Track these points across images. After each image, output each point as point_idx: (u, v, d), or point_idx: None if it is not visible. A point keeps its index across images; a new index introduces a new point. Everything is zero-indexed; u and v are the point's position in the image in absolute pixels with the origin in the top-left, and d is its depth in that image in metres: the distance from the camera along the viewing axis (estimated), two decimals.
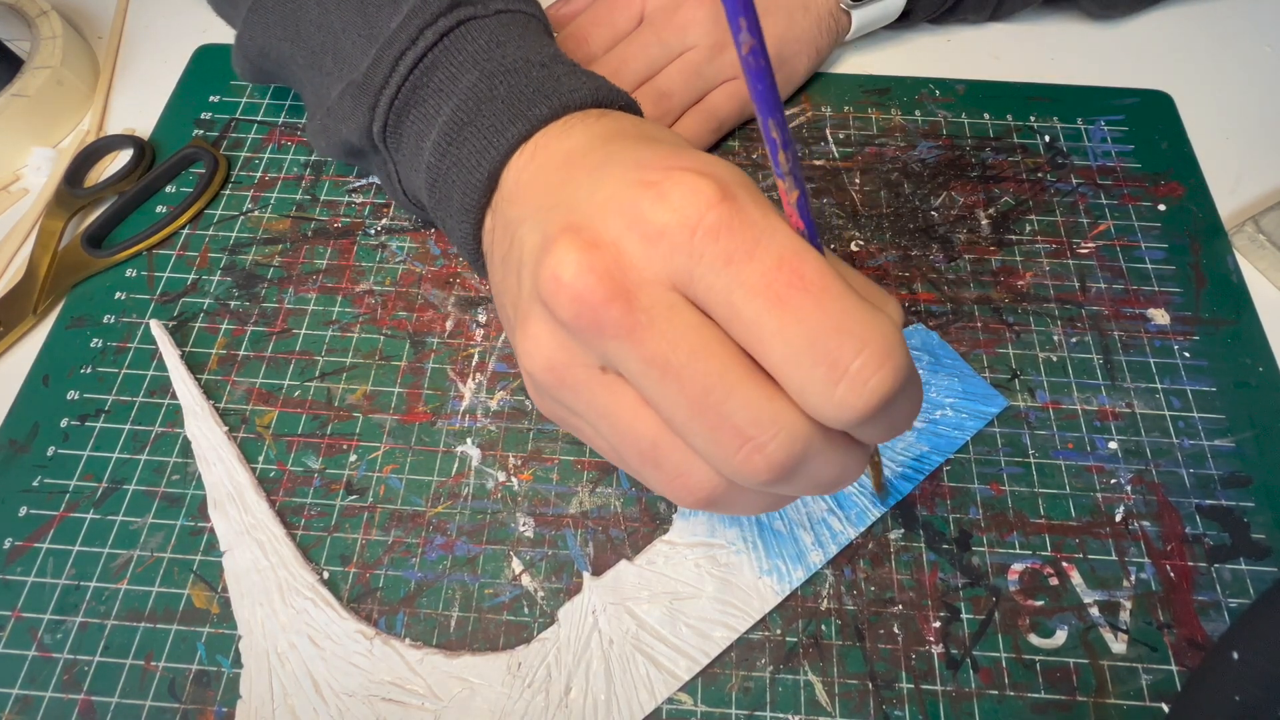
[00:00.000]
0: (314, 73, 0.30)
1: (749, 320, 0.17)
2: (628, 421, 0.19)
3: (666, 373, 0.18)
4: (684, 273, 0.17)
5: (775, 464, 0.18)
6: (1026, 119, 0.40)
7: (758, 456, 0.17)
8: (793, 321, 0.16)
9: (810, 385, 0.17)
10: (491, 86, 0.25)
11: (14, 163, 0.39)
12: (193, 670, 0.27)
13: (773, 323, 0.17)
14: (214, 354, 0.33)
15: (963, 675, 0.27)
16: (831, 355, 0.16)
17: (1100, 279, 0.35)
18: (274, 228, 0.37)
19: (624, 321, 0.17)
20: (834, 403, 0.17)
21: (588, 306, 0.18)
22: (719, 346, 0.17)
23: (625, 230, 0.18)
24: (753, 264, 0.17)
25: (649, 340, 0.17)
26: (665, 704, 0.27)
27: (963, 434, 0.31)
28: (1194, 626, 0.28)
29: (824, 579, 0.29)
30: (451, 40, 0.27)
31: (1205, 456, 0.31)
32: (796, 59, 0.38)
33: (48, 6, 0.41)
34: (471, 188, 0.25)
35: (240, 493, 0.30)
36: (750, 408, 0.17)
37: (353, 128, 0.28)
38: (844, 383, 0.16)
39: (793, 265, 0.17)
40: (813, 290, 0.16)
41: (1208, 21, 0.44)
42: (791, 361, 0.17)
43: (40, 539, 0.30)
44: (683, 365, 0.17)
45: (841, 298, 0.16)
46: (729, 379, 0.17)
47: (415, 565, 0.29)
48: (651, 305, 0.17)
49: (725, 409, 0.17)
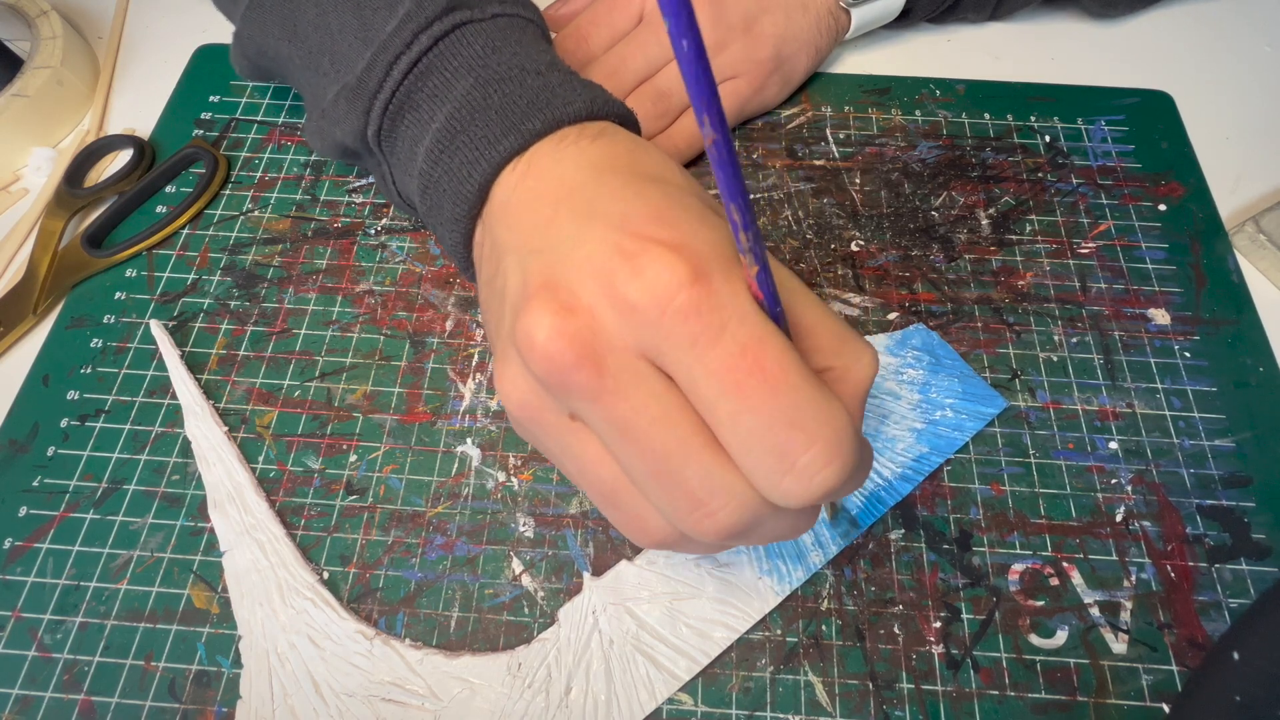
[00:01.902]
0: (311, 73, 0.30)
1: (708, 401, 0.18)
2: (592, 466, 0.21)
3: (628, 435, 0.19)
4: (652, 347, 0.18)
5: (724, 529, 0.19)
6: (1026, 119, 0.40)
7: (709, 520, 0.19)
8: (748, 409, 0.17)
9: (759, 472, 0.18)
10: (485, 95, 0.25)
11: (14, 163, 0.39)
12: (193, 670, 0.27)
13: (729, 407, 0.17)
14: (214, 354, 0.33)
15: (963, 675, 0.27)
16: (781, 447, 0.17)
17: (1100, 279, 0.35)
18: (274, 228, 0.37)
19: (592, 385, 0.18)
20: (780, 491, 0.18)
21: (558, 368, 0.18)
22: (680, 416, 0.18)
23: (600, 297, 0.18)
24: (717, 349, 0.17)
25: (614, 405, 0.18)
26: (665, 704, 0.27)
27: (963, 434, 0.31)
28: (1194, 626, 0.28)
29: (824, 579, 0.29)
30: (446, 45, 0.26)
31: (1205, 456, 0.31)
32: (795, 58, 0.38)
33: (48, 6, 0.41)
34: (462, 198, 0.25)
35: (240, 493, 0.30)
36: (705, 477, 0.18)
37: (347, 130, 0.28)
38: (791, 475, 0.17)
39: (755, 354, 0.17)
40: (770, 381, 0.17)
41: (1208, 21, 0.44)
42: (744, 447, 0.18)
43: (40, 539, 0.30)
44: (644, 431, 0.18)
45: (798, 390, 0.17)
46: (687, 448, 0.18)
47: (415, 565, 0.29)
48: (619, 371, 0.18)
49: (681, 475, 0.18)
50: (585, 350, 0.18)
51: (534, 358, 0.19)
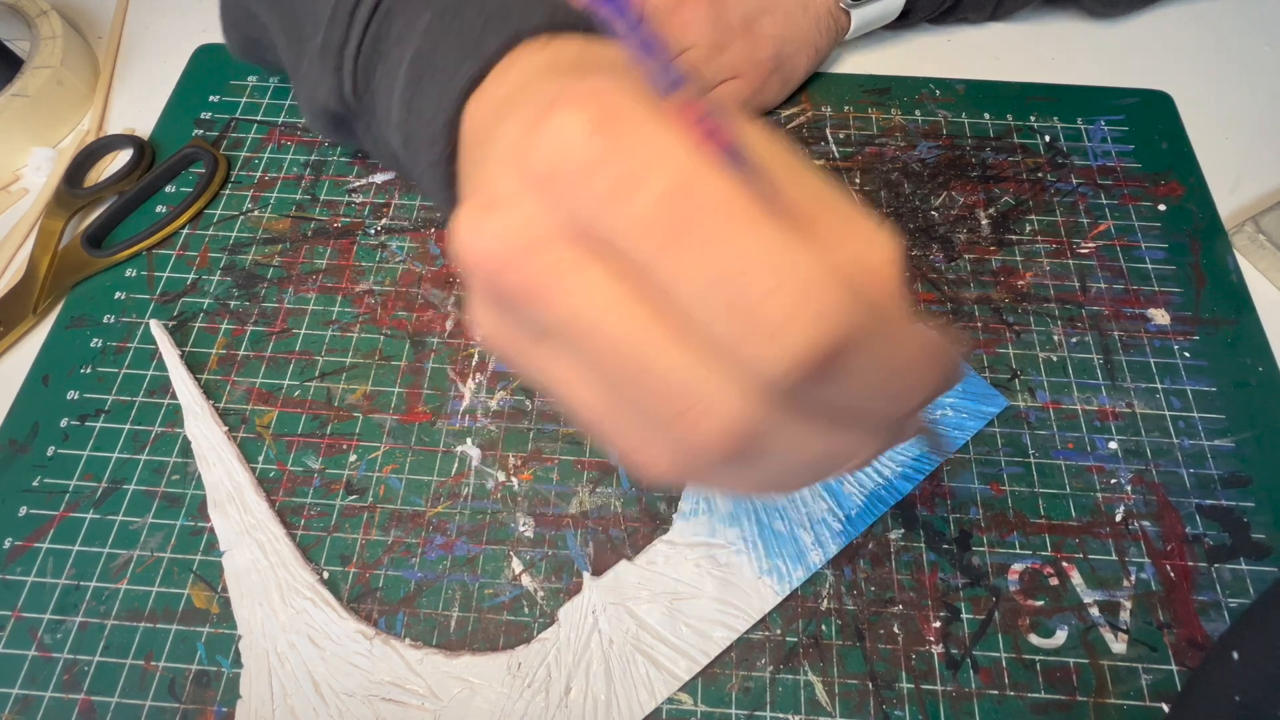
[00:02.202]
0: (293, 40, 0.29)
1: (645, 265, 0.14)
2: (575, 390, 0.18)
3: (583, 335, 0.15)
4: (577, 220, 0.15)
5: (718, 437, 0.15)
6: (1026, 119, 0.40)
7: (702, 425, 0.15)
8: (688, 263, 0.14)
9: (723, 339, 0.14)
10: (445, 25, 0.23)
11: (14, 163, 0.39)
12: (193, 670, 0.27)
13: (668, 265, 0.14)
14: (214, 354, 0.33)
15: (963, 675, 0.27)
16: (734, 302, 0.13)
17: (1100, 279, 0.35)
18: (274, 228, 0.37)
19: (528, 284, 0.15)
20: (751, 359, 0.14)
21: (490, 272, 0.16)
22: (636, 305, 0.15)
23: (517, 184, 0.15)
24: (635, 201, 0.14)
25: (556, 301, 0.15)
26: (665, 704, 0.27)
27: (963, 434, 0.31)
28: (1194, 626, 0.28)
29: (824, 579, 0.29)
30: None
31: (1205, 456, 0.31)
32: (796, 58, 0.38)
33: (48, 6, 0.41)
34: (433, 140, 0.23)
35: (240, 493, 0.30)
36: (678, 371, 0.15)
37: (325, 93, 0.27)
38: (756, 332, 0.13)
39: (682, 197, 0.14)
40: (706, 226, 0.14)
41: (1208, 21, 0.44)
42: (700, 316, 0.14)
43: (40, 539, 0.30)
44: (596, 324, 0.15)
45: (749, 227, 0.13)
46: (650, 339, 0.15)
47: (415, 565, 0.29)
48: (554, 263, 0.15)
49: (655, 370, 0.15)
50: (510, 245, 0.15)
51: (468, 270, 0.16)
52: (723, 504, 0.30)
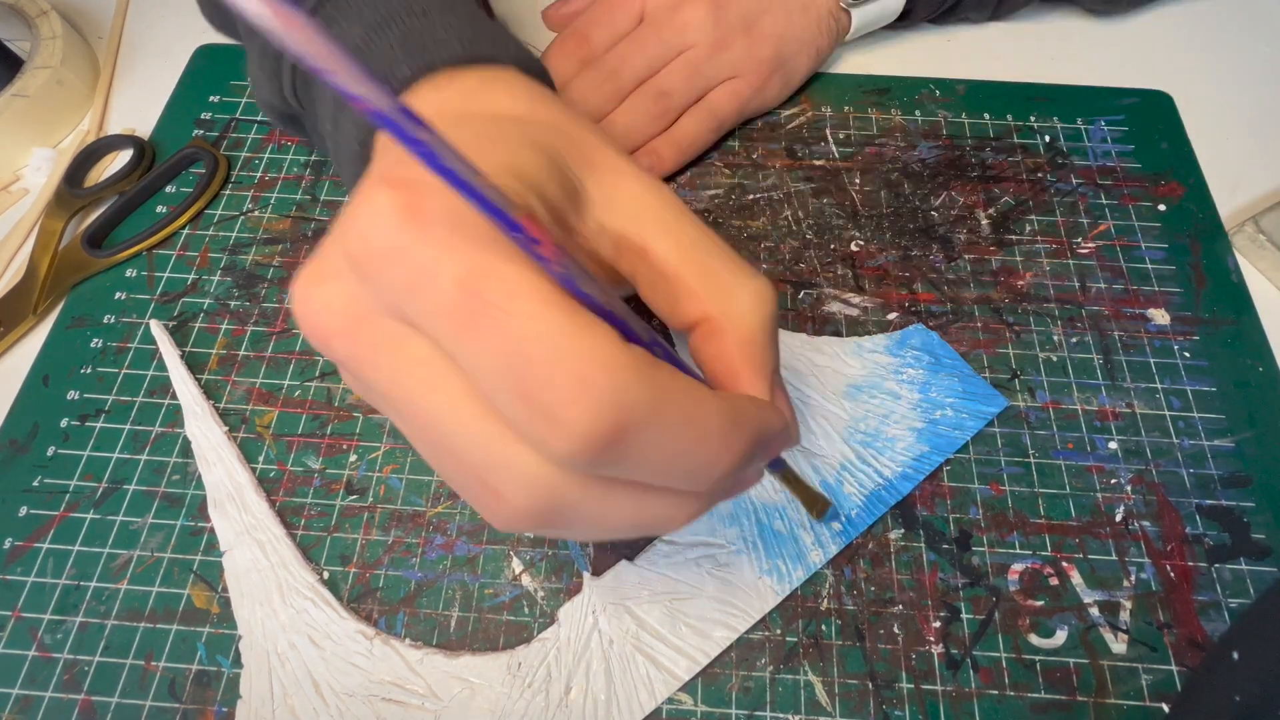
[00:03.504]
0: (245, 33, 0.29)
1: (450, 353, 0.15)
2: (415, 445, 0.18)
3: (396, 409, 0.16)
4: (390, 302, 0.15)
5: (521, 513, 0.16)
6: (1026, 119, 0.40)
7: (500, 504, 0.16)
8: (480, 350, 0.14)
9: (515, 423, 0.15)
10: (371, 41, 0.23)
11: (14, 163, 0.39)
12: (193, 670, 0.27)
13: (464, 353, 0.14)
14: (214, 354, 0.33)
15: (963, 675, 0.27)
16: (522, 388, 0.14)
17: (1100, 279, 0.35)
18: (274, 228, 0.37)
19: (350, 357, 0.16)
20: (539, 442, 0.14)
21: (319, 340, 0.16)
22: (445, 383, 0.15)
23: (341, 259, 0.16)
24: (434, 287, 0.14)
25: (373, 375, 0.16)
26: (665, 704, 0.27)
27: (963, 434, 0.31)
28: (1194, 626, 0.28)
29: (824, 579, 0.29)
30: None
31: (1205, 456, 0.31)
32: (796, 58, 0.38)
33: (48, 6, 0.41)
34: (352, 159, 0.23)
35: (240, 493, 0.30)
36: (480, 450, 0.15)
37: (269, 91, 0.27)
38: (539, 419, 0.14)
39: (473, 285, 0.14)
40: (497, 314, 0.14)
41: (1208, 21, 0.44)
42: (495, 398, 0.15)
43: (40, 539, 0.30)
44: (407, 401, 0.16)
45: (531, 318, 0.14)
46: (455, 418, 0.15)
47: (415, 565, 0.29)
48: (373, 340, 0.16)
49: (457, 449, 0.16)
50: (335, 318, 0.16)
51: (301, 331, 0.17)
52: (723, 504, 0.30)
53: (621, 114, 0.36)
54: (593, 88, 0.36)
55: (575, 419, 0.14)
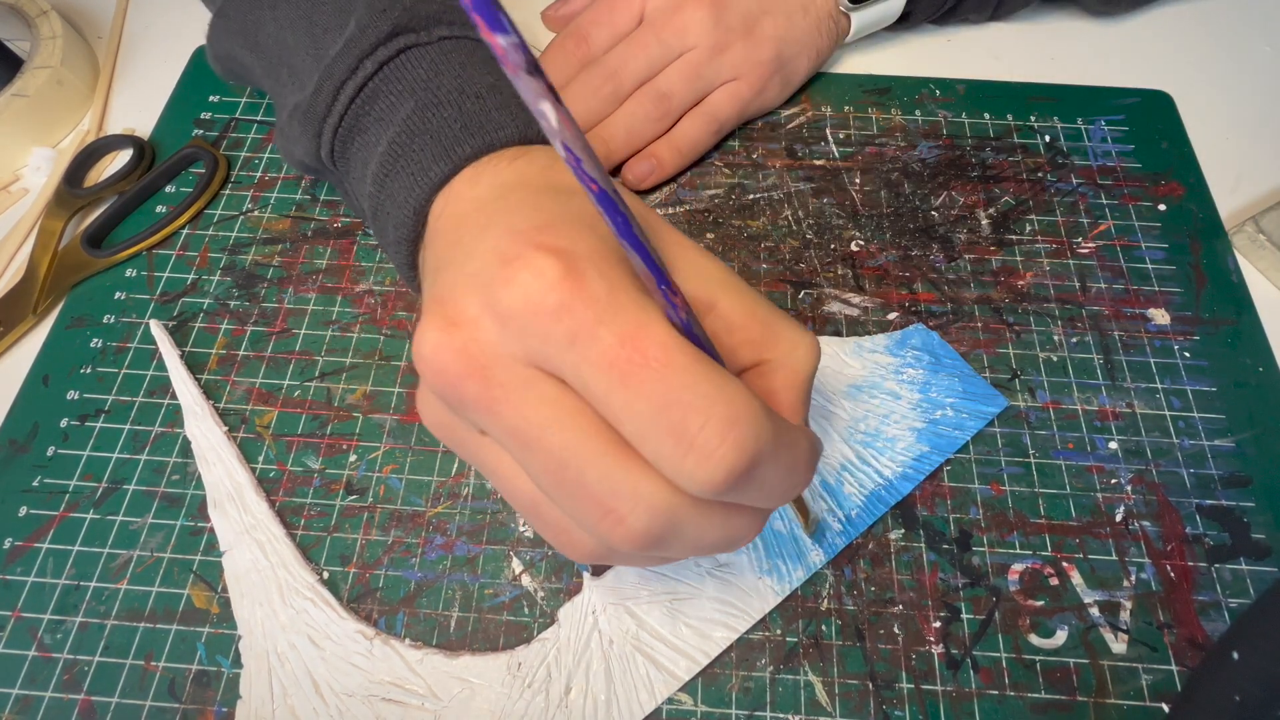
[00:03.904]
0: (273, 84, 0.30)
1: (599, 397, 0.17)
2: (509, 480, 0.20)
3: (524, 445, 0.18)
4: (537, 353, 0.18)
5: (637, 534, 0.18)
6: (1026, 119, 0.40)
7: (620, 528, 0.18)
8: (637, 396, 0.17)
9: (661, 459, 0.17)
10: (425, 119, 0.25)
11: (14, 163, 0.39)
12: (193, 670, 0.27)
13: (620, 399, 0.17)
14: (214, 354, 0.33)
15: (963, 675, 0.27)
16: (676, 428, 0.17)
17: (1100, 279, 0.35)
18: (274, 228, 0.37)
19: (481, 396, 0.18)
20: (685, 475, 0.17)
21: (447, 381, 0.18)
22: (575, 420, 0.18)
23: (481, 309, 0.18)
24: (594, 343, 0.17)
25: (505, 414, 0.18)
26: (665, 704, 0.27)
27: (963, 434, 0.31)
28: (1194, 626, 0.28)
29: (824, 579, 0.29)
30: (391, 69, 0.26)
31: (1205, 456, 0.31)
32: (796, 60, 0.38)
33: (48, 6, 0.41)
34: (401, 222, 0.25)
35: (240, 493, 0.30)
36: (607, 478, 0.18)
37: (303, 150, 0.28)
38: (691, 455, 0.17)
39: (634, 342, 0.17)
40: (654, 365, 0.17)
41: (1208, 21, 0.44)
42: (641, 435, 0.17)
43: (40, 539, 0.30)
44: (537, 438, 0.18)
45: (685, 370, 0.17)
46: (585, 451, 0.18)
47: (415, 565, 0.29)
48: (507, 380, 0.18)
49: (583, 480, 0.18)
50: (470, 362, 0.18)
51: (426, 373, 0.19)
52: None
53: (621, 116, 0.36)
54: (592, 89, 0.36)
55: (724, 455, 0.17)
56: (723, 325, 0.20)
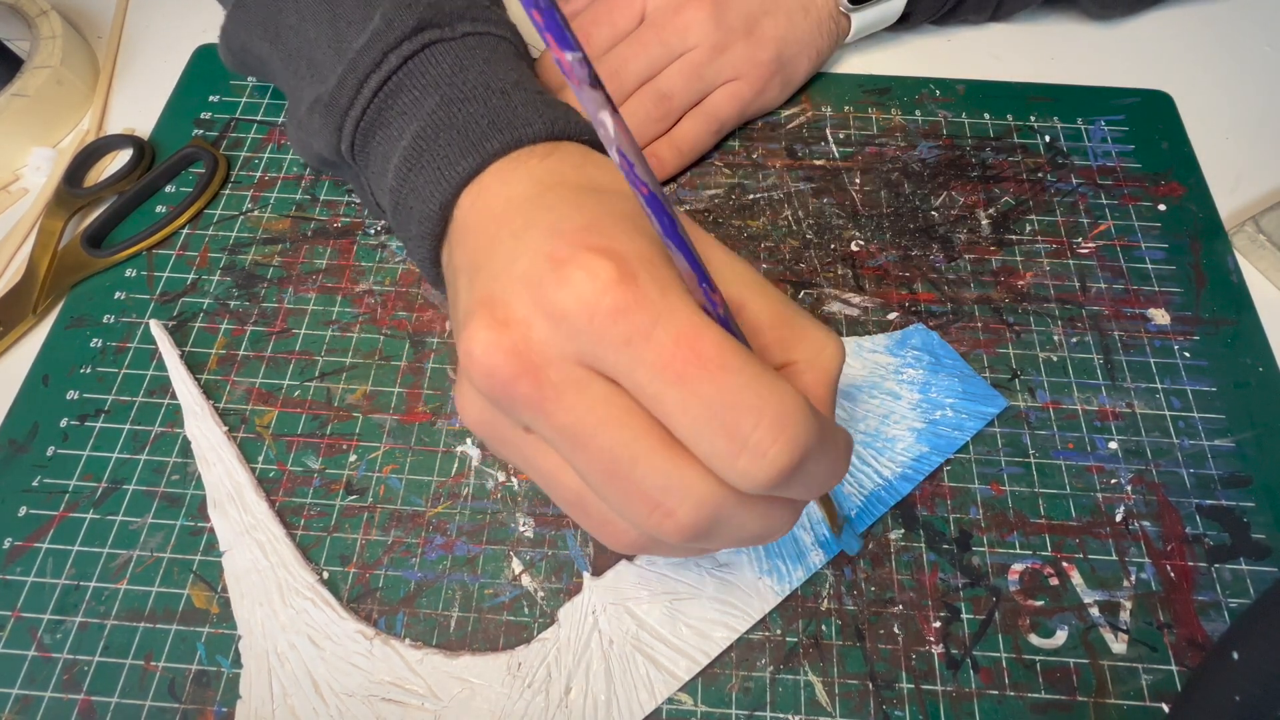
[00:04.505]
0: (291, 76, 0.30)
1: (654, 397, 0.18)
2: (554, 475, 0.21)
3: (576, 442, 0.19)
4: (590, 352, 0.18)
5: (685, 527, 0.18)
6: (1026, 119, 0.40)
7: (668, 521, 0.18)
8: (692, 397, 0.17)
9: (714, 457, 0.18)
10: (450, 114, 0.25)
11: (14, 162, 0.39)
12: (193, 670, 0.27)
13: (674, 399, 0.17)
14: (214, 354, 0.33)
15: (963, 675, 0.27)
16: (730, 428, 0.17)
17: (1100, 279, 0.35)
18: (274, 228, 0.37)
19: (533, 395, 0.18)
20: (737, 473, 0.17)
21: (499, 381, 0.19)
22: (626, 418, 0.18)
23: (533, 309, 0.19)
24: (650, 344, 0.17)
25: (557, 413, 0.18)
26: (665, 704, 0.27)
27: (963, 434, 0.31)
28: (1194, 626, 0.28)
29: (824, 579, 0.29)
30: (415, 64, 0.26)
31: (1205, 456, 0.31)
32: (797, 61, 0.38)
33: (48, 6, 0.41)
34: (426, 217, 0.25)
35: (240, 493, 0.30)
36: (658, 475, 0.18)
37: (322, 143, 0.28)
38: (744, 454, 0.17)
39: (689, 343, 0.17)
40: (709, 366, 0.17)
41: (1208, 21, 0.44)
42: (694, 434, 0.18)
43: (40, 539, 0.30)
44: (590, 436, 0.18)
45: (739, 372, 0.17)
46: (636, 448, 0.18)
47: (415, 565, 0.29)
48: (560, 380, 0.18)
49: (634, 476, 0.18)
50: (522, 362, 0.18)
51: (476, 373, 0.19)
52: None
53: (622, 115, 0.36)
54: None
55: (777, 453, 0.17)
56: (752, 326, 0.21)
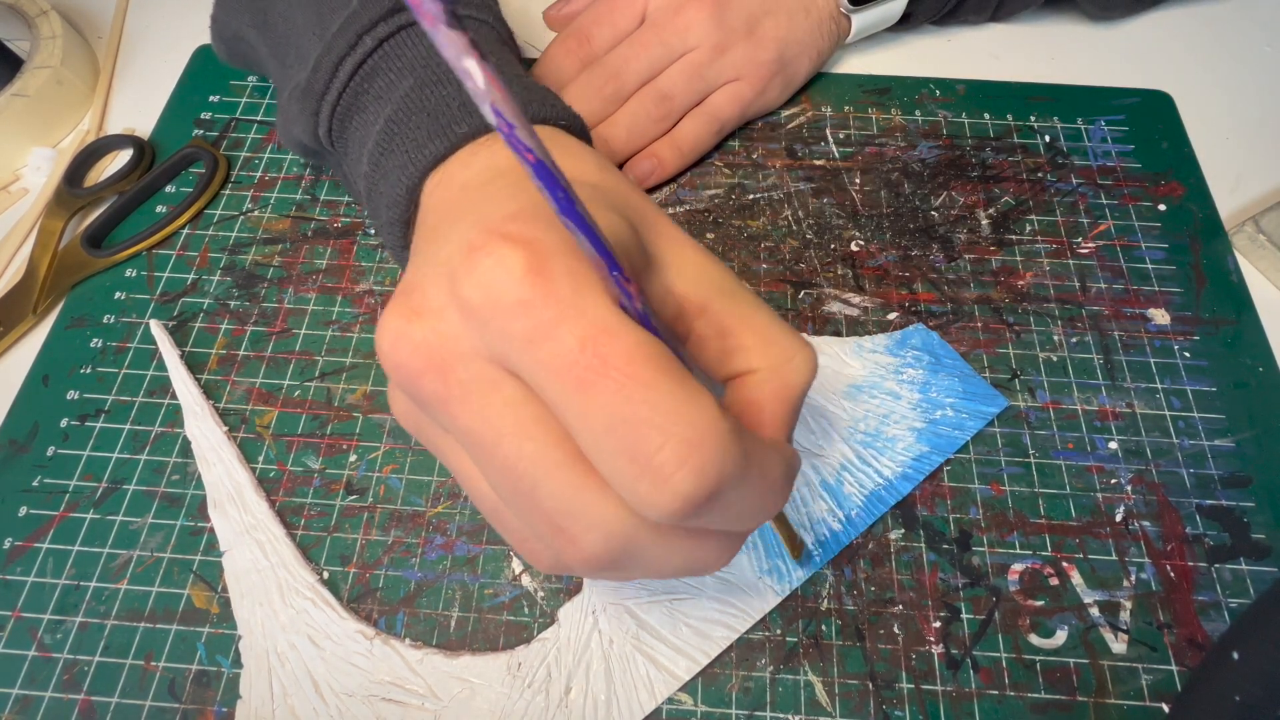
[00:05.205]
0: (279, 65, 0.30)
1: (555, 403, 0.16)
2: (471, 481, 0.19)
3: (480, 449, 0.17)
4: (497, 349, 0.16)
5: (590, 558, 0.17)
6: (1026, 119, 0.40)
7: (572, 548, 0.17)
8: (593, 408, 0.15)
9: (616, 478, 0.16)
10: (423, 96, 0.25)
11: (14, 163, 0.39)
12: (193, 670, 0.27)
13: (574, 408, 0.15)
14: (214, 354, 0.33)
15: (963, 675, 0.27)
16: (633, 447, 0.15)
17: (1100, 279, 0.35)
18: (274, 228, 0.37)
19: (440, 393, 0.17)
20: (639, 499, 0.15)
21: (406, 376, 0.17)
22: (534, 427, 0.16)
23: (447, 300, 0.17)
24: (552, 344, 0.15)
25: (461, 415, 0.17)
26: (665, 704, 0.27)
27: (963, 434, 0.31)
28: (1194, 626, 0.28)
29: (824, 579, 0.29)
30: (391, 46, 0.26)
31: (1205, 456, 0.31)
32: (797, 61, 0.38)
33: (48, 6, 0.41)
34: (394, 202, 0.24)
35: (240, 493, 0.30)
36: (561, 497, 0.16)
37: (301, 129, 0.28)
38: (646, 478, 0.15)
39: (595, 347, 0.15)
40: (614, 374, 0.15)
41: (1208, 21, 0.44)
42: (598, 450, 0.16)
43: (40, 539, 0.30)
44: (493, 444, 0.17)
45: (649, 384, 0.15)
46: (541, 464, 0.16)
47: (415, 565, 0.29)
48: (468, 379, 0.17)
49: (537, 494, 0.17)
50: (429, 357, 0.17)
51: (385, 365, 0.17)
52: None
53: (623, 116, 0.36)
54: (594, 89, 0.36)
55: (681, 480, 0.15)
56: (714, 329, 0.19)
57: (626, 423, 0.15)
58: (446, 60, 0.13)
